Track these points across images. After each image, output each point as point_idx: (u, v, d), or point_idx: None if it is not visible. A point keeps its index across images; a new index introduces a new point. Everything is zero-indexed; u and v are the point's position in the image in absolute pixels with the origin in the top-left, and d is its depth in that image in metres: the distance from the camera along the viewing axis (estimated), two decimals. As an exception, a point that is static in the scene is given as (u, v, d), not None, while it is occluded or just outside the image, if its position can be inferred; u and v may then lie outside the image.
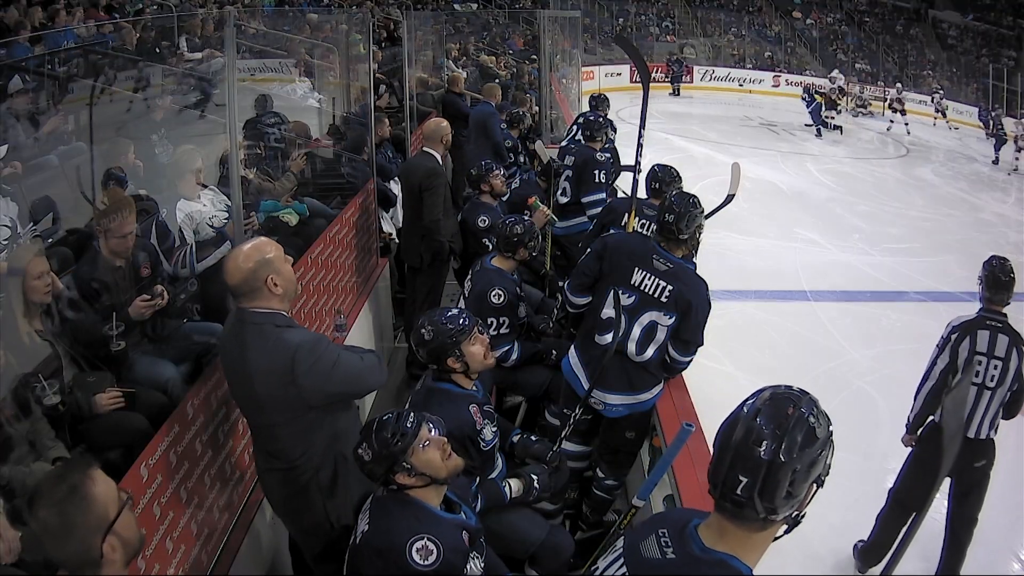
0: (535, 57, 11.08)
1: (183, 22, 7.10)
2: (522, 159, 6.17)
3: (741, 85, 21.77)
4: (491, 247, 3.94)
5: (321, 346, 2.11)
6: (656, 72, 20.68)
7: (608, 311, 2.83)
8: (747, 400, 1.23)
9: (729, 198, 4.22)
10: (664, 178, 3.80)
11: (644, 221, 3.68)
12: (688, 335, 2.84)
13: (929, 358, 3.35)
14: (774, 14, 24.87)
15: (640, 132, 3.62)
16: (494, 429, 2.39)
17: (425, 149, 4.27)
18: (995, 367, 3.06)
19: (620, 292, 2.79)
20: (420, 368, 4.58)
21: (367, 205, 4.59)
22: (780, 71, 22.17)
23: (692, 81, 21.09)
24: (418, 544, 1.72)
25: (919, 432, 3.37)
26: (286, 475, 2.21)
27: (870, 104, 19.14)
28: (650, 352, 2.83)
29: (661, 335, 2.82)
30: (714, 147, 13.19)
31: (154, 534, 2.07)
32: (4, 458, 1.91)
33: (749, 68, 22.60)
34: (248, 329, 2.09)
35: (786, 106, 18.82)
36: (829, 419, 1.21)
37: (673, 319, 2.79)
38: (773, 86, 21.63)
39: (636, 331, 2.81)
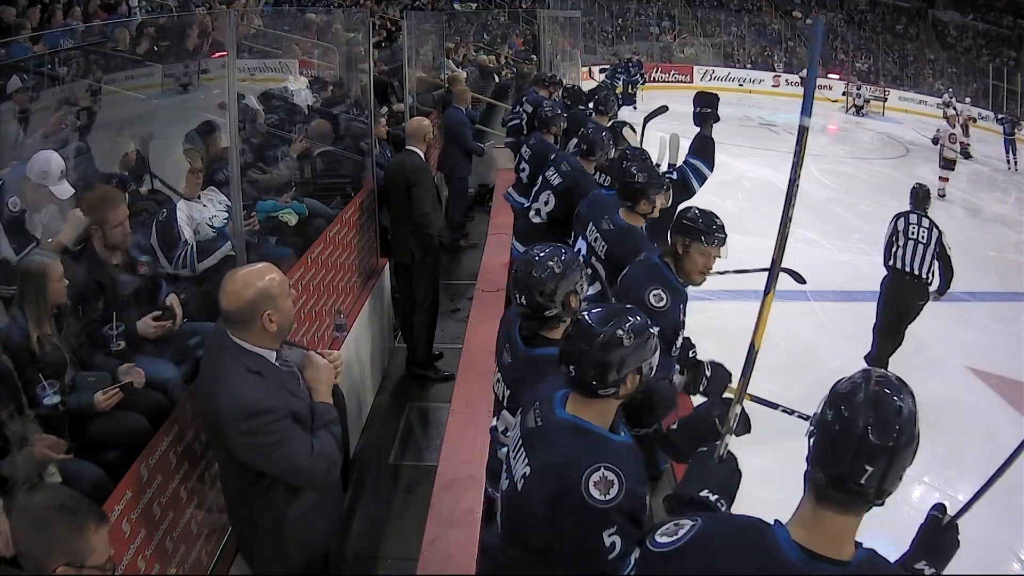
0: (534, 57, 11.07)
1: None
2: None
3: (741, 85, 21.76)
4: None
5: (264, 420, 1.90)
6: (656, 72, 20.71)
7: None
8: None
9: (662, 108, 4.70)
10: (596, 140, 3.86)
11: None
12: None
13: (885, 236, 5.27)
14: (774, 14, 24.89)
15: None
16: None
17: (408, 147, 4.36)
18: (923, 230, 5.23)
19: None
20: (420, 368, 4.63)
21: (367, 205, 4.60)
22: (780, 71, 22.18)
23: (692, 81, 21.09)
24: (595, 476, 1.47)
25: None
26: (230, 499, 2.19)
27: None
28: None
29: None
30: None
31: (154, 534, 2.07)
32: (2, 455, 1.91)
33: (749, 68, 22.62)
34: (219, 357, 1.99)
35: (786, 106, 18.80)
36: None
37: None
38: (773, 86, 21.65)
39: None
